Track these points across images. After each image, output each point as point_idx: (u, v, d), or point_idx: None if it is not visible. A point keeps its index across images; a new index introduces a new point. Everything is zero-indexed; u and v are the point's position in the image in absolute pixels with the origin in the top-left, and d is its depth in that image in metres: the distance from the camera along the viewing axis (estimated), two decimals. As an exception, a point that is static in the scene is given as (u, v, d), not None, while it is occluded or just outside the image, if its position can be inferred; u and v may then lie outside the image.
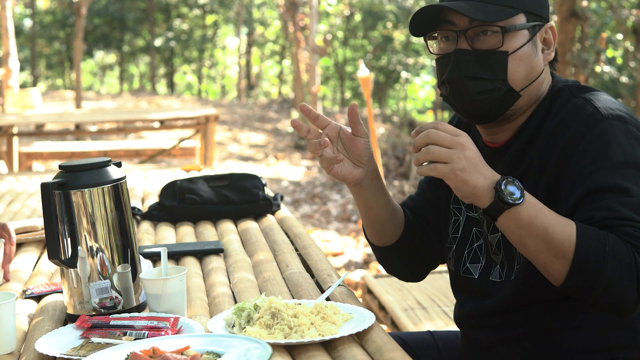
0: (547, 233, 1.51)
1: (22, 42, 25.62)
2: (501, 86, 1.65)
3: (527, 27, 1.66)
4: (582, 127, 1.60)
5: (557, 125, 1.64)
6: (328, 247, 6.89)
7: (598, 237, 1.50)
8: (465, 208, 1.82)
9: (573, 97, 1.66)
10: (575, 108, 1.64)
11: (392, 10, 17.11)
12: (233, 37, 27.70)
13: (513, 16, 1.65)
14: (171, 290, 1.69)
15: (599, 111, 1.61)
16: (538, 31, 1.69)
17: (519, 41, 1.66)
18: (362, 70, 6.62)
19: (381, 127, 12.80)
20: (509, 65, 1.65)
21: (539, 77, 1.70)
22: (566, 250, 1.51)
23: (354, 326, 1.55)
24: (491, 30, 1.65)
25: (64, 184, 1.71)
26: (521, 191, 1.52)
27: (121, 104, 18.70)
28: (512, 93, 1.66)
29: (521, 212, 1.52)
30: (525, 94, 1.69)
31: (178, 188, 2.73)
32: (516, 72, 1.66)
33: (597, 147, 1.58)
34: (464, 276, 1.82)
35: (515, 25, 1.65)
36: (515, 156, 1.70)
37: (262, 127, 15.95)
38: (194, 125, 8.10)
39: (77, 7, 15.36)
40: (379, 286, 4.30)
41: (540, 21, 1.69)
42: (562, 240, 1.51)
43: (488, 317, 1.75)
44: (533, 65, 1.68)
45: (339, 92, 22.98)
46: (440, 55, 1.70)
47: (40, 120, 8.02)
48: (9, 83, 12.93)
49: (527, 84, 1.68)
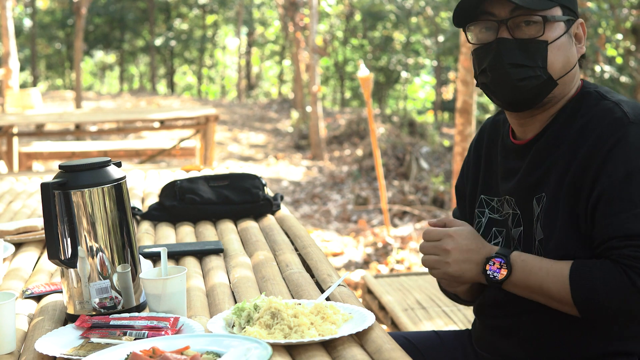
0: (542, 288, 1.64)
1: (22, 42, 25.63)
2: (541, 74, 1.71)
3: (563, 19, 1.72)
4: (608, 130, 1.63)
5: (584, 126, 1.68)
6: (328, 247, 6.90)
7: (589, 275, 1.58)
8: (488, 211, 1.88)
9: (603, 100, 1.71)
10: (603, 111, 1.67)
11: (392, 10, 17.10)
12: (233, 37, 27.71)
13: (551, 8, 1.71)
14: (171, 290, 1.69)
15: (627, 115, 1.64)
16: (572, 25, 1.74)
17: (557, 32, 1.71)
18: (362, 70, 6.62)
19: (381, 127, 12.80)
20: (548, 54, 1.71)
21: (573, 68, 1.75)
22: (564, 297, 1.62)
23: (354, 326, 1.55)
24: (532, 20, 1.70)
25: (64, 184, 1.71)
26: (507, 265, 1.67)
27: (121, 104, 18.70)
28: (550, 81, 1.72)
29: (514, 280, 1.68)
30: (561, 83, 1.73)
31: (178, 188, 2.73)
32: (555, 61, 1.71)
33: (619, 150, 1.61)
34: None
35: (554, 16, 1.71)
36: (540, 154, 1.74)
37: (262, 127, 15.95)
38: (194, 125, 8.10)
39: (77, 7, 15.36)
40: (379, 286, 4.29)
41: (574, 16, 1.75)
42: (557, 291, 1.62)
43: (508, 304, 1.78)
44: (569, 56, 1.74)
45: (339, 92, 22.98)
46: (479, 45, 1.76)
47: (40, 120, 8.01)
48: (9, 83, 12.93)
49: (564, 73, 1.73)
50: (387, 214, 6.82)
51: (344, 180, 10.51)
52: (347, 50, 21.31)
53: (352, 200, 9.10)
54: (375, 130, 6.98)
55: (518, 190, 1.76)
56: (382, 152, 10.71)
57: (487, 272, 1.68)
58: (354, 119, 13.92)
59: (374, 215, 8.33)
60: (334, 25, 21.20)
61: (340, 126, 14.24)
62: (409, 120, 13.69)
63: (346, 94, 22.60)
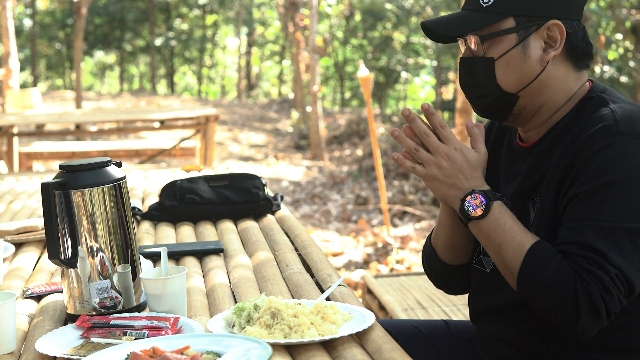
0: (500, 249, 1.64)
1: (22, 42, 25.63)
2: (493, 90, 1.70)
3: (513, 31, 1.67)
4: (595, 137, 1.60)
5: (579, 132, 1.65)
6: (328, 247, 6.89)
7: (544, 262, 1.56)
8: None
9: (603, 106, 1.66)
10: (597, 118, 1.63)
11: (392, 10, 17.10)
12: (233, 37, 27.71)
13: (498, 21, 1.67)
14: (171, 290, 1.69)
15: (617, 124, 1.59)
16: (534, 32, 1.68)
17: (504, 46, 1.68)
18: (362, 70, 6.62)
19: (381, 127, 12.80)
20: (496, 70, 1.69)
21: (539, 76, 1.69)
22: (512, 268, 1.62)
23: (354, 326, 1.55)
24: (470, 40, 1.70)
25: (64, 184, 1.71)
26: (486, 207, 1.65)
27: (121, 104, 18.70)
28: (506, 95, 1.70)
29: (481, 225, 1.66)
30: (525, 95, 1.70)
31: (178, 188, 2.73)
32: (505, 77, 1.69)
33: (598, 158, 1.57)
34: (476, 267, 1.84)
35: (497, 31, 1.67)
36: (539, 157, 1.72)
37: (262, 127, 15.95)
38: (194, 125, 8.10)
39: (77, 7, 15.37)
40: (379, 286, 4.30)
41: (538, 21, 1.68)
42: (510, 259, 1.62)
43: (505, 310, 1.76)
44: (523, 68, 1.69)
45: (339, 92, 22.98)
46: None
47: (40, 120, 8.01)
48: (9, 83, 12.94)
49: (523, 86, 1.69)
50: (387, 214, 6.82)
51: (344, 180, 10.51)
52: (347, 50, 21.31)
53: (352, 200, 9.10)
54: (375, 130, 6.98)
55: (516, 194, 1.74)
56: (382, 152, 10.71)
57: (464, 202, 1.66)
58: (354, 119, 13.93)
59: (374, 215, 8.33)
60: (334, 25, 21.20)
61: (340, 126, 14.25)
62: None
63: (346, 94, 22.60)
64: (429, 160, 1.68)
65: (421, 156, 1.69)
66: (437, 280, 1.98)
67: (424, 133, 1.68)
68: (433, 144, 1.68)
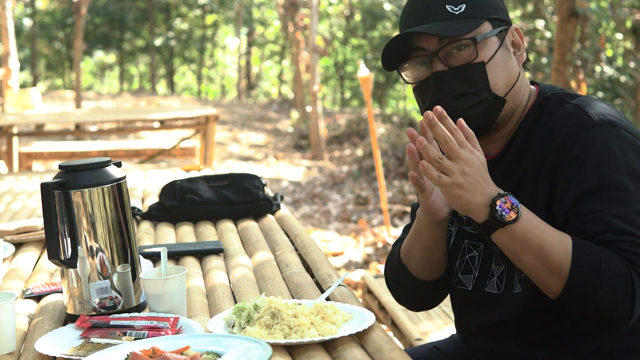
0: (543, 250, 1.53)
1: (22, 42, 25.62)
2: (487, 96, 1.67)
3: (494, 33, 1.68)
4: (572, 133, 1.61)
5: (549, 132, 1.65)
6: (328, 247, 6.89)
7: (594, 253, 1.52)
8: (456, 220, 1.82)
9: (563, 103, 1.67)
10: (566, 114, 1.64)
11: (392, 10, 17.10)
12: (233, 37, 27.70)
13: (479, 26, 1.67)
14: (171, 290, 1.69)
15: (590, 117, 1.61)
16: (505, 35, 1.70)
17: (491, 48, 1.67)
18: (362, 70, 6.61)
19: (381, 127, 12.80)
20: (488, 74, 1.67)
21: (518, 79, 1.71)
22: (562, 266, 1.53)
23: (354, 326, 1.55)
24: (463, 44, 1.66)
25: (64, 184, 1.71)
26: (518, 209, 1.54)
27: (121, 104, 18.71)
28: (498, 100, 1.68)
29: (516, 229, 1.54)
30: (509, 98, 1.70)
31: (178, 188, 2.73)
32: (497, 79, 1.67)
33: (587, 153, 1.58)
34: (457, 287, 1.81)
35: (484, 34, 1.67)
36: (510, 165, 1.71)
37: (262, 127, 15.95)
38: (194, 125, 8.09)
39: (77, 7, 15.36)
40: (379, 286, 4.29)
41: (505, 25, 1.71)
42: (557, 257, 1.53)
43: (500, 326, 1.74)
44: (510, 69, 1.69)
45: (339, 92, 22.98)
46: (417, 83, 1.72)
47: (40, 120, 8.01)
48: (9, 83, 12.93)
49: (510, 88, 1.69)
50: (387, 214, 6.81)
51: (344, 180, 10.51)
52: (347, 50, 21.31)
53: (352, 200, 9.10)
54: (375, 130, 6.98)
55: None
56: (382, 152, 10.71)
57: (496, 207, 1.52)
58: (354, 119, 13.92)
59: (374, 215, 8.33)
60: (334, 25, 21.20)
61: (340, 126, 14.24)
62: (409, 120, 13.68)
63: (346, 94, 22.60)
64: (453, 168, 1.54)
65: (446, 165, 1.54)
66: (403, 297, 1.92)
67: (447, 138, 1.54)
68: (455, 149, 1.54)
